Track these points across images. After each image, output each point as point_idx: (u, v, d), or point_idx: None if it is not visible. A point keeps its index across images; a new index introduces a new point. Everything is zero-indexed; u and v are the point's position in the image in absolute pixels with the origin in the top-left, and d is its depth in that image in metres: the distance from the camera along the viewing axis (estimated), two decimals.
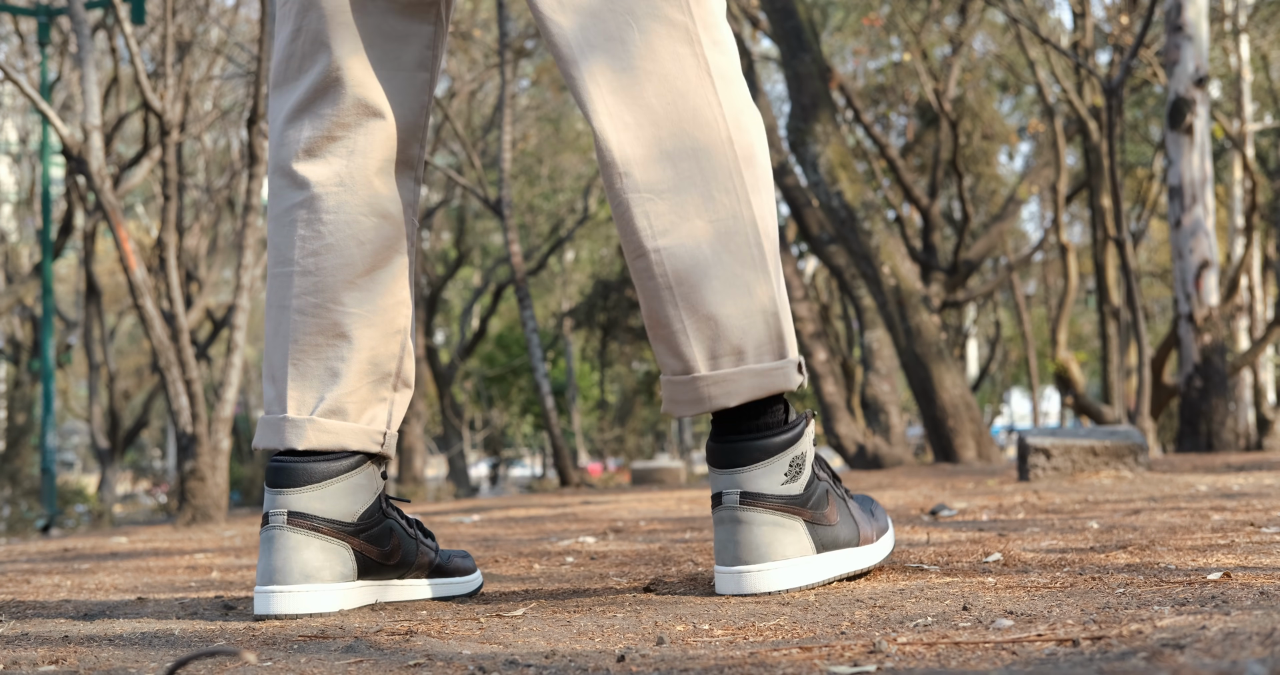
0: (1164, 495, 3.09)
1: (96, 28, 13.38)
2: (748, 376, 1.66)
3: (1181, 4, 8.51)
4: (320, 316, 1.74)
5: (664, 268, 1.65)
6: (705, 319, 1.65)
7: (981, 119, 17.10)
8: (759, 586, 1.66)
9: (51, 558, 3.16)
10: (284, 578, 1.68)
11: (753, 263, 1.66)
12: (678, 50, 1.66)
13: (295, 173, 1.76)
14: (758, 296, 1.66)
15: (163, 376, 4.94)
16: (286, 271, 1.75)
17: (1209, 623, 1.19)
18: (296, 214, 1.75)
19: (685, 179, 1.65)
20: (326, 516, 1.70)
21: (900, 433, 12.05)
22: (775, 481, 1.68)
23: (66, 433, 34.72)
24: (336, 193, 1.75)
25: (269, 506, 1.70)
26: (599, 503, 4.60)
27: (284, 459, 1.72)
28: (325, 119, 1.75)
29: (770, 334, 1.67)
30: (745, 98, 1.71)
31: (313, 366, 1.74)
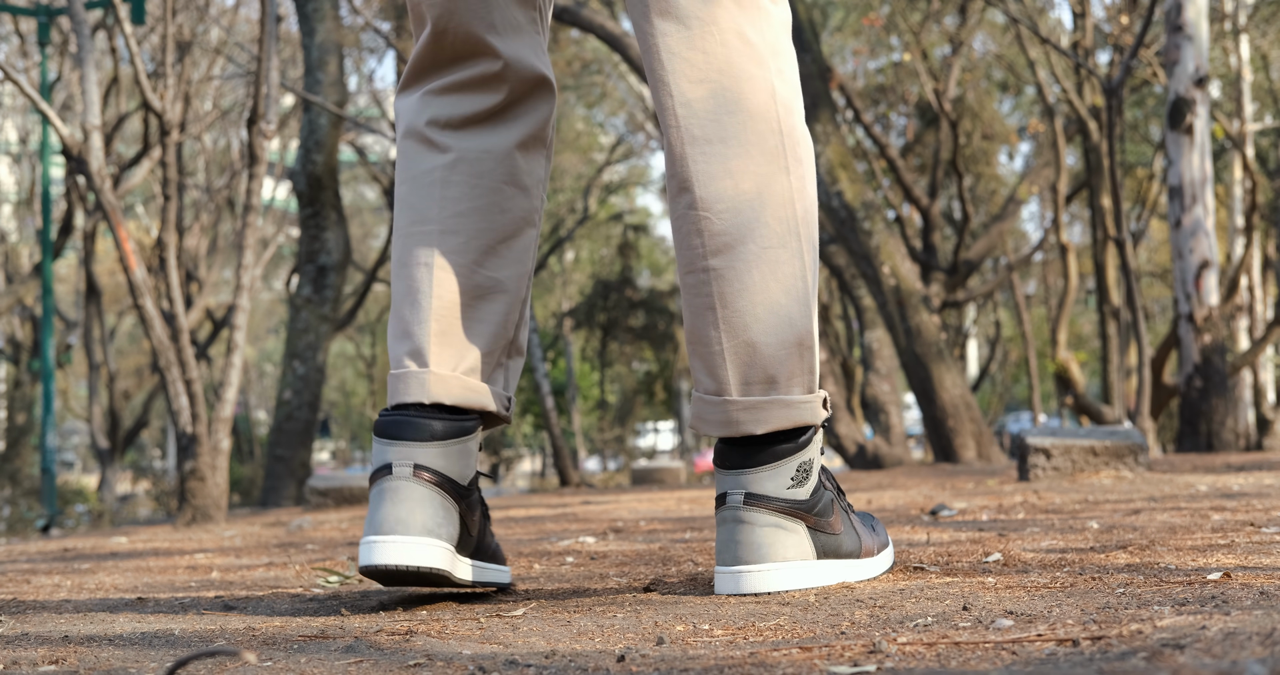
0: (1164, 495, 3.09)
1: (96, 28, 13.38)
2: (777, 407, 1.68)
3: (1181, 4, 8.51)
4: (465, 277, 1.76)
5: (711, 288, 1.67)
6: (744, 344, 1.67)
7: (981, 119, 17.10)
8: (757, 587, 1.67)
9: (51, 558, 3.17)
10: (405, 529, 1.64)
11: (797, 295, 1.68)
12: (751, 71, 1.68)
13: (436, 138, 1.79)
14: (797, 329, 1.68)
15: (163, 376, 4.94)
16: (427, 230, 1.76)
17: (1209, 623, 1.19)
18: (439, 175, 1.77)
19: (745, 203, 1.66)
20: (448, 474, 1.70)
21: (900, 433, 12.05)
22: (781, 485, 1.69)
23: (66, 433, 34.73)
24: (482, 159, 1.78)
25: (391, 457, 1.68)
26: (599, 503, 4.60)
27: (407, 413, 1.70)
28: (477, 103, 1.80)
29: (804, 367, 1.69)
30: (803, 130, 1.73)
31: (455, 325, 1.74)
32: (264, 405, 28.38)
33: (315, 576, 2.26)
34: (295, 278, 15.43)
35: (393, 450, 1.68)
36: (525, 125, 1.82)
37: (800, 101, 1.75)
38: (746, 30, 1.69)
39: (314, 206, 9.44)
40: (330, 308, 9.53)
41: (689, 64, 1.68)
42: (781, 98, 1.70)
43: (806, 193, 1.71)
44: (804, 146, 1.72)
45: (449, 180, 1.78)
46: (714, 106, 1.67)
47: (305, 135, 9.45)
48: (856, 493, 4.19)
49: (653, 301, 22.53)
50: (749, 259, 1.66)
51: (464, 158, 1.78)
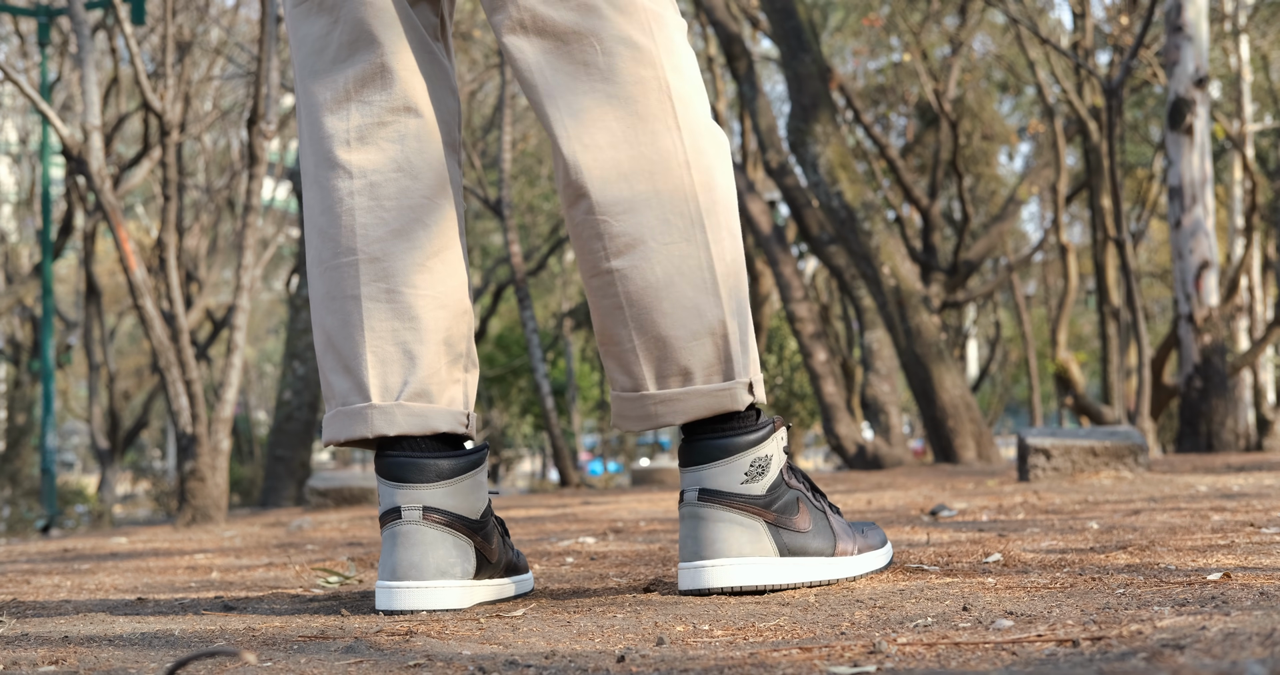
0: (1164, 495, 3.09)
1: (96, 28, 13.38)
2: (695, 397, 1.70)
3: (1181, 4, 8.51)
4: (395, 301, 1.73)
5: (617, 288, 1.69)
6: (655, 339, 1.69)
7: (981, 119, 17.10)
8: (713, 582, 1.67)
9: (51, 558, 3.16)
10: (419, 574, 1.67)
11: (704, 286, 1.69)
12: (640, 73, 1.68)
13: (346, 162, 1.74)
14: (707, 319, 1.69)
15: (163, 377, 4.93)
16: (350, 261, 1.73)
17: (1209, 623, 1.19)
18: (354, 201, 1.74)
19: (641, 201, 1.68)
20: (458, 512, 1.71)
21: (900, 433, 12.05)
22: (734, 480, 1.70)
23: (66, 433, 34.72)
24: (396, 178, 1.74)
25: (398, 501, 1.69)
26: (599, 503, 4.60)
27: (408, 454, 1.71)
28: (375, 105, 1.75)
29: (719, 356, 1.70)
30: (706, 122, 1.73)
31: (391, 352, 1.73)
32: (264, 405, 28.37)
33: (315, 576, 2.26)
34: (295, 278, 15.43)
35: (400, 494, 1.69)
36: (426, 125, 1.77)
37: (703, 95, 1.74)
38: (632, 34, 1.69)
39: None
40: None
41: (572, 78, 1.68)
42: (678, 94, 1.70)
43: (713, 184, 1.71)
44: (706, 139, 1.71)
45: (364, 206, 1.74)
46: (603, 115, 1.68)
47: None
48: (856, 493, 4.19)
49: None
50: (650, 257, 1.67)
51: (378, 180, 1.74)
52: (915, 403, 10.07)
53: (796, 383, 20.90)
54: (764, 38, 16.06)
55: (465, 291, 1.79)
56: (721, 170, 1.72)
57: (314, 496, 5.49)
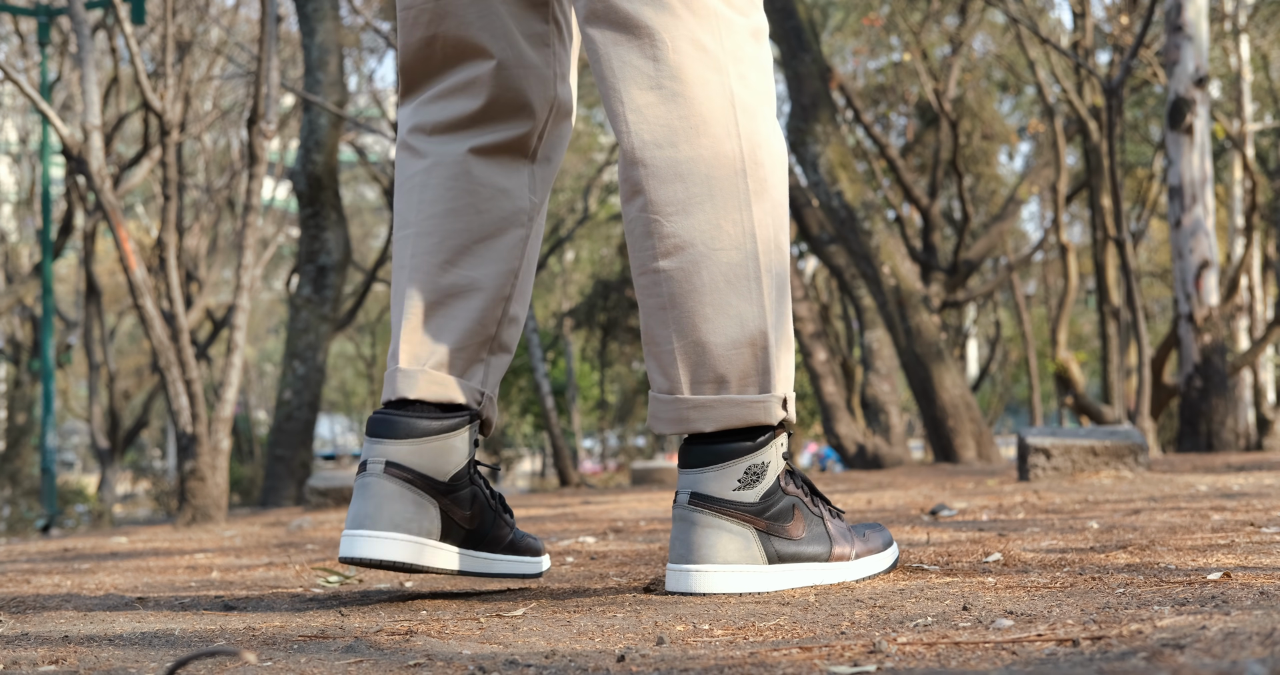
0: (1164, 495, 3.09)
1: (96, 28, 13.38)
2: (727, 405, 1.70)
3: (1181, 4, 8.51)
4: (437, 276, 1.82)
5: (663, 289, 1.70)
6: (694, 344, 1.69)
7: (981, 119, 17.10)
8: (697, 587, 1.69)
9: (51, 558, 3.17)
10: (373, 524, 1.73)
11: (749, 295, 1.69)
12: (706, 76, 1.69)
13: (418, 145, 1.86)
14: (748, 329, 1.69)
15: (163, 376, 4.93)
16: (406, 234, 1.84)
17: (1209, 623, 1.19)
18: (421, 178, 1.85)
19: (695, 204, 1.68)
20: (421, 471, 1.76)
21: (900, 433, 12.05)
22: (727, 486, 1.70)
23: (66, 433, 34.72)
24: (459, 163, 1.84)
25: (367, 454, 1.76)
26: (599, 503, 4.60)
27: (389, 412, 1.78)
28: (458, 108, 1.85)
29: (757, 367, 1.70)
30: (767, 130, 1.73)
31: (424, 322, 1.81)
32: (264, 405, 28.38)
33: (315, 576, 2.27)
34: (295, 278, 15.42)
35: (371, 448, 1.77)
36: (501, 132, 1.85)
37: (768, 107, 1.75)
38: (702, 37, 1.69)
39: (314, 206, 9.44)
40: (330, 308, 9.54)
41: (639, 72, 1.69)
42: (741, 102, 1.70)
43: (768, 196, 1.71)
44: (765, 150, 1.72)
45: (426, 184, 1.84)
46: (665, 112, 1.69)
47: (305, 135, 9.45)
48: (856, 493, 4.19)
49: None
50: (698, 260, 1.68)
51: (440, 161, 1.84)
52: (915, 402, 10.07)
53: (797, 383, 20.91)
54: None
55: (510, 281, 1.85)
56: (777, 179, 1.73)
57: (314, 496, 5.49)
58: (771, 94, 1.76)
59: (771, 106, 1.76)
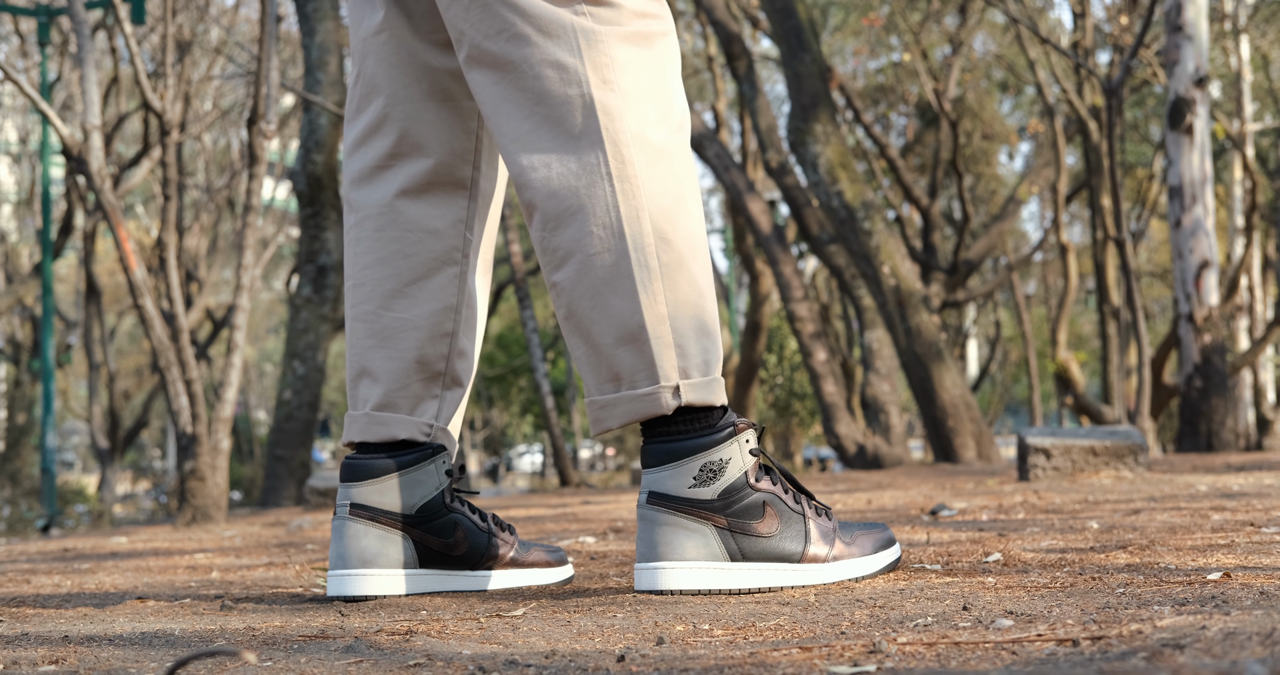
0: (1164, 495, 3.09)
1: (96, 28, 13.37)
2: (624, 402, 1.75)
3: (1181, 4, 8.51)
4: (372, 322, 1.92)
5: (562, 300, 1.78)
6: (591, 348, 1.76)
7: (981, 119, 17.09)
8: (658, 584, 1.71)
9: (51, 558, 3.16)
10: (344, 563, 1.86)
11: (627, 293, 1.73)
12: (567, 93, 1.74)
13: (350, 198, 1.96)
14: (629, 325, 1.74)
15: (163, 376, 4.93)
16: (350, 284, 1.95)
17: (1209, 623, 1.19)
18: (353, 233, 1.95)
19: (569, 216, 1.75)
20: (383, 508, 1.87)
21: (900, 433, 12.04)
22: (682, 484, 1.73)
23: (66, 433, 34.71)
24: (383, 213, 1.93)
25: (338, 499, 1.89)
26: (599, 503, 4.60)
27: (355, 457, 1.90)
28: (375, 150, 1.94)
29: (642, 361, 1.74)
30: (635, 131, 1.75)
31: (366, 367, 1.92)
32: (264, 405, 28.37)
33: (315, 576, 2.27)
34: (295, 278, 15.42)
35: (341, 491, 1.89)
36: (417, 168, 1.93)
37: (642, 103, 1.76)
38: (559, 57, 1.74)
39: (314, 206, 9.44)
40: (330, 308, 9.53)
41: (513, 104, 1.77)
42: (603, 107, 1.73)
43: (637, 193, 1.74)
44: (634, 148, 1.74)
45: (358, 238, 1.94)
46: (538, 138, 1.75)
47: (305, 135, 9.45)
48: (856, 493, 4.19)
49: None
50: (579, 268, 1.75)
51: (368, 214, 1.94)
52: (915, 402, 10.07)
53: (796, 382, 20.90)
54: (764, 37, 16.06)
55: (449, 316, 1.94)
56: (651, 178, 1.74)
57: (314, 496, 5.49)
58: (654, 89, 1.77)
59: (652, 102, 1.77)
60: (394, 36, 1.91)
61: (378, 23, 1.91)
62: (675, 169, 1.77)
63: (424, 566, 1.88)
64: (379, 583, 1.85)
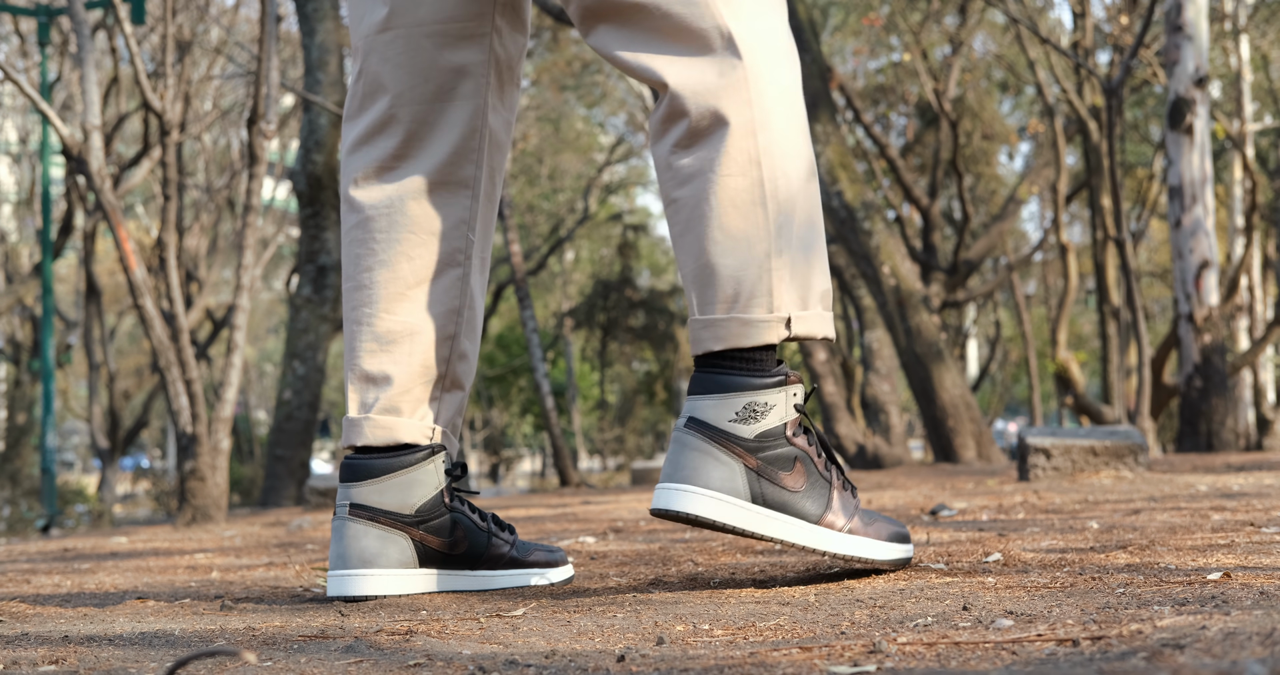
0: (1164, 495, 3.09)
1: (96, 28, 13.37)
2: (735, 324, 1.75)
3: (1181, 4, 8.51)
4: (374, 325, 1.92)
5: (680, 215, 1.77)
6: (705, 266, 1.76)
7: (981, 119, 17.09)
8: (678, 506, 1.71)
9: (51, 558, 3.16)
10: (344, 563, 1.86)
11: (754, 219, 1.74)
12: (701, 26, 1.76)
13: (353, 198, 1.95)
14: (755, 251, 1.74)
15: (163, 376, 4.93)
16: (350, 286, 1.95)
17: (1209, 623, 1.19)
18: (354, 234, 1.94)
19: (704, 135, 1.76)
20: (383, 508, 1.88)
21: (900, 433, 12.04)
22: (723, 416, 1.74)
23: (66, 433, 34.71)
24: (386, 214, 1.92)
25: (338, 499, 1.90)
26: (599, 503, 4.60)
27: (354, 457, 1.90)
28: (379, 150, 1.93)
29: (761, 288, 1.74)
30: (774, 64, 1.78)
31: (368, 370, 1.92)
32: (264, 405, 28.37)
33: (315, 576, 2.27)
34: (295, 278, 15.42)
35: (340, 492, 1.90)
36: (422, 168, 1.93)
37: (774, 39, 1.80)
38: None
39: (314, 206, 9.44)
40: (330, 308, 9.54)
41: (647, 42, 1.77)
42: (740, 36, 1.75)
43: (769, 123, 1.76)
44: (769, 82, 1.77)
45: (359, 239, 1.94)
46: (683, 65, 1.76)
47: (305, 135, 9.45)
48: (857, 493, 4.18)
49: (653, 301, 22.52)
50: (706, 187, 1.75)
51: (371, 215, 1.93)
52: (915, 402, 10.07)
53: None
54: None
55: (452, 319, 1.94)
56: (781, 113, 1.77)
57: (314, 496, 5.49)
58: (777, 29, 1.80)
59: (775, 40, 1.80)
60: (400, 34, 1.89)
61: (381, 19, 1.90)
62: (797, 110, 1.81)
63: (424, 566, 1.89)
64: (379, 583, 1.86)
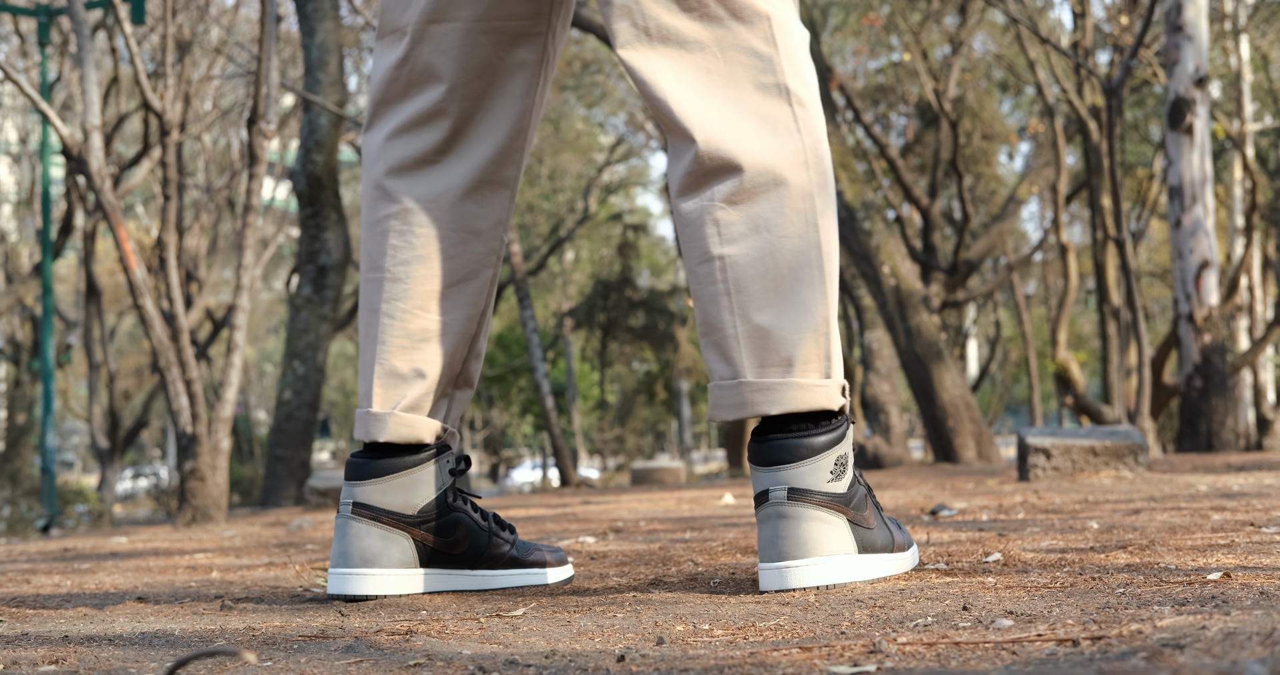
0: (1164, 495, 3.09)
1: (96, 28, 13.37)
2: (792, 389, 1.71)
3: (1181, 4, 8.51)
4: (408, 321, 1.87)
5: (726, 274, 1.72)
6: (757, 328, 1.71)
7: (981, 119, 17.09)
8: (804, 581, 1.68)
9: (51, 558, 3.16)
10: (345, 561, 1.84)
11: (812, 283, 1.72)
12: (762, 80, 1.73)
13: (390, 187, 1.89)
14: (813, 315, 1.72)
15: (163, 376, 4.93)
16: (378, 277, 1.89)
17: (1209, 623, 1.19)
18: (389, 224, 1.88)
19: (761, 194, 1.72)
20: (385, 508, 1.85)
21: (900, 433, 12.04)
22: (821, 479, 1.71)
23: (66, 433, 34.71)
24: (429, 209, 1.88)
25: (342, 497, 1.88)
26: (599, 503, 4.60)
27: (360, 456, 1.88)
28: (424, 141, 1.88)
29: (820, 352, 1.72)
30: (823, 128, 1.78)
31: (399, 366, 1.87)
32: (264, 405, 28.37)
33: (315, 576, 2.27)
34: (295, 278, 15.42)
35: (345, 490, 1.87)
36: (468, 165, 1.88)
37: (818, 101, 1.79)
38: (755, 44, 1.73)
39: (314, 206, 9.44)
40: (330, 308, 9.53)
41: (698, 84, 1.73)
42: (797, 98, 1.74)
43: (827, 188, 1.75)
44: (823, 143, 1.76)
45: (396, 229, 1.88)
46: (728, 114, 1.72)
47: (305, 135, 9.45)
48: None
49: (653, 301, 22.53)
50: (765, 247, 1.71)
51: (411, 208, 1.88)
52: (915, 402, 10.07)
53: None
54: None
55: (480, 321, 1.92)
56: (829, 174, 1.77)
57: (314, 496, 5.49)
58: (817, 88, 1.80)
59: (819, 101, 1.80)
60: (458, 27, 1.84)
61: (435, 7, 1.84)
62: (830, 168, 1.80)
63: (426, 566, 1.88)
64: (380, 582, 1.85)
